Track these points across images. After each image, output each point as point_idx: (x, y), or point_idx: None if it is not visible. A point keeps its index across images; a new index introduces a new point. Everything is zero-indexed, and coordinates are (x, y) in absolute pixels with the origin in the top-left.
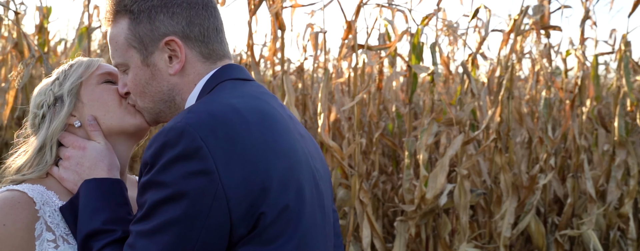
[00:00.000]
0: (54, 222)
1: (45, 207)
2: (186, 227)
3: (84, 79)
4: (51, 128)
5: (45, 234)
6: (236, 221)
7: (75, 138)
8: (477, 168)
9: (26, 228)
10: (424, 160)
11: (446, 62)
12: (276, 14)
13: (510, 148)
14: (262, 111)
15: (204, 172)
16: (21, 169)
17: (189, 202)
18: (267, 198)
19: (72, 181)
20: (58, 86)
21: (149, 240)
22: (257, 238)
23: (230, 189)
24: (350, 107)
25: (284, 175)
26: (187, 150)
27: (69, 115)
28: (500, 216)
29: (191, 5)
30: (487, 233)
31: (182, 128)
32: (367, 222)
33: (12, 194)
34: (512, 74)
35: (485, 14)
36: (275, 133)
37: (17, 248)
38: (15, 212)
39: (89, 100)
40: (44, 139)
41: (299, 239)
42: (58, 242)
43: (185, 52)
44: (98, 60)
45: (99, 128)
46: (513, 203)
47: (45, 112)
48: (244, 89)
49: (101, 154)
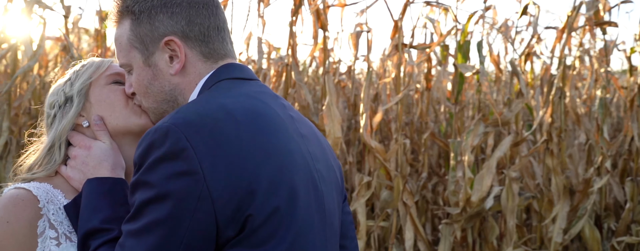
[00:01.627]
0: (57, 220)
1: (49, 205)
2: (171, 228)
3: (93, 80)
4: (60, 128)
5: (48, 231)
6: (222, 223)
7: (82, 138)
8: (531, 170)
9: (29, 225)
10: (470, 162)
11: (496, 60)
12: (317, 13)
13: (562, 149)
14: (254, 111)
15: (188, 173)
16: (32, 168)
17: (173, 203)
18: (254, 200)
19: (78, 179)
20: (69, 86)
21: (137, 239)
22: (246, 240)
23: (215, 190)
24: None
25: (274, 176)
26: (172, 150)
27: (77, 115)
28: (550, 221)
29: (191, 4)
30: (538, 237)
31: (167, 128)
32: (411, 224)
33: (17, 192)
34: (564, 72)
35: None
36: (266, 134)
37: (21, 245)
38: (18, 210)
39: (97, 100)
40: (53, 138)
41: (291, 242)
42: (60, 240)
43: (186, 52)
44: (109, 60)
45: (105, 128)
46: (565, 207)
47: (56, 112)
48: (241, 88)
49: (106, 154)
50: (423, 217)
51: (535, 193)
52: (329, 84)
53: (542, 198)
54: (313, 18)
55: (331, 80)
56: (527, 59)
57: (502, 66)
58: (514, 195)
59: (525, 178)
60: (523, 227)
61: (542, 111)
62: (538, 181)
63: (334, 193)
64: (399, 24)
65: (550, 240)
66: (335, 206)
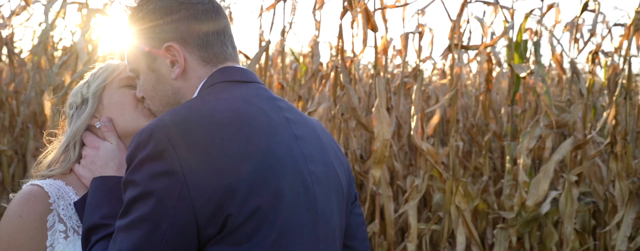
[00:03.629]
0: (66, 215)
1: (59, 201)
2: (153, 225)
3: (107, 83)
4: (75, 128)
5: (57, 225)
6: (202, 221)
7: (93, 138)
8: (599, 174)
9: (39, 219)
10: (525, 165)
11: (559, 60)
12: (367, 15)
13: (627, 152)
14: (239, 114)
15: (168, 173)
16: (50, 165)
17: (155, 201)
18: (233, 200)
19: (87, 177)
20: (86, 88)
21: (125, 234)
22: (227, 238)
23: (194, 190)
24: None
25: (256, 177)
26: (155, 151)
27: (91, 116)
28: (613, 227)
29: (190, 12)
30: (602, 245)
31: (151, 130)
32: (463, 228)
33: (31, 189)
34: (630, 71)
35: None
36: (250, 135)
37: (32, 237)
38: (30, 205)
39: (108, 103)
40: (69, 137)
41: (274, 241)
42: (68, 233)
43: (185, 57)
44: (124, 63)
45: (113, 129)
46: (631, 213)
47: (73, 113)
48: (233, 91)
49: (112, 154)
50: (484, 221)
51: (602, 197)
52: (379, 86)
53: (606, 204)
54: (363, 20)
55: (382, 82)
56: (595, 58)
57: (566, 65)
58: (573, 200)
59: (593, 182)
60: (585, 234)
61: (605, 113)
62: (607, 186)
63: (333, 193)
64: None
65: (614, 248)
66: (334, 207)
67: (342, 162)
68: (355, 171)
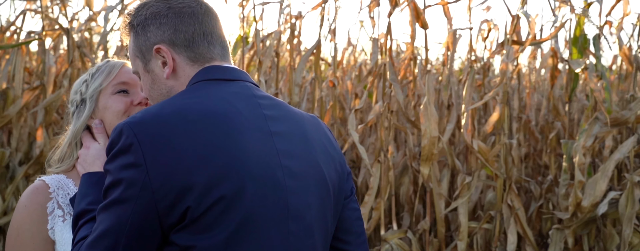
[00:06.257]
0: (64, 202)
1: (59, 190)
2: (121, 209)
3: (103, 88)
4: (75, 128)
5: (56, 211)
6: (162, 211)
7: (87, 138)
8: None
9: (41, 207)
10: (581, 164)
11: (627, 54)
12: (416, 11)
13: None
14: (209, 111)
15: (134, 165)
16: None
17: (123, 188)
18: (192, 194)
19: (81, 173)
20: (85, 88)
21: (102, 214)
22: (188, 227)
23: (155, 182)
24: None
25: (217, 172)
26: (124, 145)
27: (89, 117)
28: None
29: (177, 15)
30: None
31: (121, 127)
32: (514, 228)
33: (36, 183)
34: None
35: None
36: (216, 132)
37: (35, 222)
38: (33, 196)
39: (103, 107)
40: (71, 137)
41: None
42: (66, 217)
43: (174, 57)
44: (121, 63)
45: (103, 131)
46: None
47: (74, 111)
48: (211, 89)
49: (99, 153)
50: (549, 222)
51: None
52: (428, 84)
53: None
54: (410, 16)
55: (431, 79)
56: None
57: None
58: (635, 201)
59: None
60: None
61: None
62: None
63: (313, 188)
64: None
65: None
66: (313, 202)
67: (333, 157)
68: (412, 169)
